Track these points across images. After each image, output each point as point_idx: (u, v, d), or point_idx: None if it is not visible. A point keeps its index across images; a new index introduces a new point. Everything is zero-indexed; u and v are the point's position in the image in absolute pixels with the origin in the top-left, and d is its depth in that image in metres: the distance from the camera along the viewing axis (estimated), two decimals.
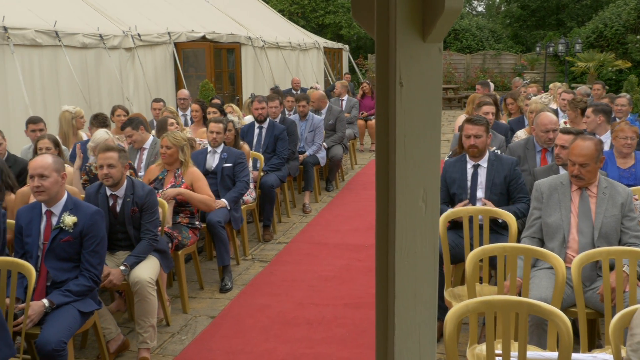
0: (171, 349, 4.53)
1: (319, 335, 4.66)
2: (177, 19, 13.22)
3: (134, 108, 10.24)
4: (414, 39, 1.24)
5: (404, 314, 1.33)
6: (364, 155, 12.79)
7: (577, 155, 3.91)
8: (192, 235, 5.29)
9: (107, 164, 4.44)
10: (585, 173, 3.90)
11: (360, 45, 29.30)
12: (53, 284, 3.81)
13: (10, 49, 7.91)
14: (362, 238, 7.07)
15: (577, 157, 3.91)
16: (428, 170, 1.28)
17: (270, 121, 7.70)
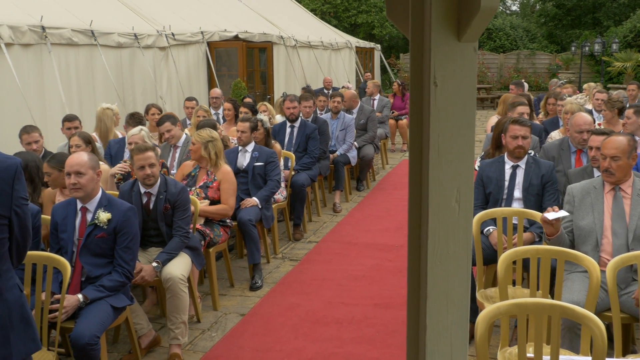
0: (201, 345, 4.57)
1: (349, 335, 4.66)
2: (211, 18, 13.33)
3: (166, 106, 10.35)
4: (449, 39, 1.23)
5: (435, 314, 1.32)
6: (395, 155, 12.74)
7: (608, 148, 3.85)
8: (223, 233, 5.33)
9: (149, 164, 4.50)
10: (616, 167, 3.82)
11: (392, 44, 29.19)
12: (87, 279, 3.88)
13: (47, 48, 8.06)
14: (393, 238, 7.05)
15: (608, 150, 3.85)
16: (462, 170, 1.27)
17: (302, 120, 7.72)
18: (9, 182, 2.40)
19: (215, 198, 5.34)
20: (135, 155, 4.56)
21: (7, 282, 2.47)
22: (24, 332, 2.51)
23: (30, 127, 5.88)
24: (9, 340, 2.44)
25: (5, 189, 2.39)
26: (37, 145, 5.74)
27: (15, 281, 2.51)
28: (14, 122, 6.99)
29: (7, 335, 2.44)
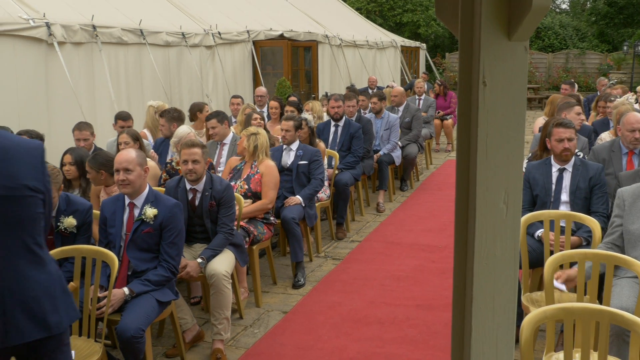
0: (244, 341, 4.61)
1: (390, 335, 4.64)
2: (256, 17, 13.43)
3: (212, 105, 10.48)
4: (499, 38, 1.22)
5: (481, 317, 1.30)
6: (440, 155, 12.63)
7: None
8: (267, 231, 5.37)
9: (192, 160, 4.57)
10: None
11: (438, 44, 28.93)
12: (134, 273, 3.96)
13: (98, 47, 8.25)
14: (436, 239, 6.99)
15: None
16: (510, 171, 1.25)
17: (346, 119, 7.72)
18: (39, 159, 2.56)
19: (257, 190, 5.39)
20: (182, 150, 4.65)
21: (47, 255, 2.61)
22: (67, 301, 2.63)
23: (84, 125, 6.03)
24: (58, 308, 2.57)
25: (37, 165, 2.54)
26: (86, 143, 5.87)
27: (50, 256, 2.66)
28: (66, 118, 7.19)
29: (56, 303, 2.56)
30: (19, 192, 2.47)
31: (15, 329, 2.45)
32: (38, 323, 2.50)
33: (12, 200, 2.45)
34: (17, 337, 2.46)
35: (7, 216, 2.44)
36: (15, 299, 2.46)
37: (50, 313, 2.53)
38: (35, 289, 2.51)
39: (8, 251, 2.45)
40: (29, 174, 2.51)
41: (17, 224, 2.47)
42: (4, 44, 6.90)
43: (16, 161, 2.48)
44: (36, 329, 2.49)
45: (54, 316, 2.55)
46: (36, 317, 2.49)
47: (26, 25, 7.16)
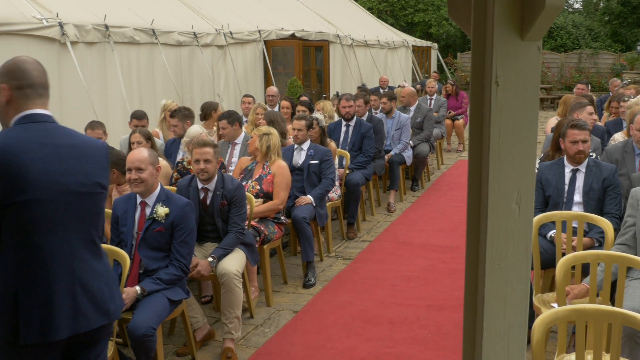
0: (254, 340, 4.62)
1: (401, 336, 4.63)
2: (268, 17, 13.45)
3: (223, 104, 10.50)
4: (512, 37, 1.21)
5: (493, 318, 1.30)
6: (451, 155, 12.59)
7: None
8: (277, 230, 5.38)
9: (204, 159, 4.59)
10: None
11: (450, 43, 28.85)
12: (145, 272, 3.97)
13: (110, 47, 8.29)
14: (447, 239, 6.97)
15: None
16: (523, 171, 1.25)
17: (357, 119, 7.71)
18: (105, 157, 2.73)
19: (269, 191, 5.39)
20: (194, 149, 4.67)
21: (102, 248, 2.75)
22: (118, 290, 2.80)
23: (96, 123, 6.06)
24: (114, 296, 2.72)
25: (104, 163, 2.71)
26: None
27: None
28: (78, 117, 7.22)
29: (112, 293, 2.71)
30: (92, 188, 2.62)
31: (83, 317, 2.57)
32: (101, 311, 2.64)
33: (86, 197, 2.60)
34: (85, 325, 2.58)
35: (80, 211, 2.58)
36: (83, 288, 2.58)
37: (110, 302, 2.68)
38: (99, 279, 2.65)
39: (79, 244, 2.58)
40: (99, 171, 2.67)
41: (88, 219, 2.62)
42: (17, 43, 6.95)
43: (89, 159, 2.63)
44: (100, 317, 2.64)
45: (112, 304, 2.70)
46: (100, 305, 2.63)
47: (39, 25, 7.21)
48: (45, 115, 2.57)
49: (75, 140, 2.62)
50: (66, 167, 2.52)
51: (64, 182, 2.50)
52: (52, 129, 2.56)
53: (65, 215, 2.53)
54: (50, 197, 2.47)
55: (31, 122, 2.51)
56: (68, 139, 2.59)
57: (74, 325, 2.54)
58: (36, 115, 2.53)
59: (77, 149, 2.59)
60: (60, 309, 2.50)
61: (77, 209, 2.56)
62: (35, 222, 2.45)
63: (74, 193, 2.54)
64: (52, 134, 2.54)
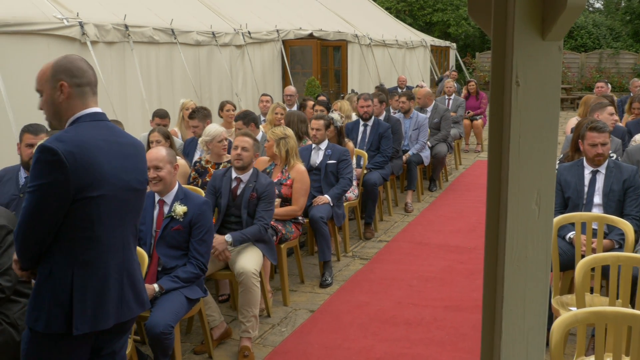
0: (271, 339, 4.63)
1: (418, 336, 4.62)
2: (286, 16, 13.47)
3: (241, 103, 10.54)
4: (533, 37, 1.21)
5: (512, 319, 1.29)
6: (469, 155, 12.52)
7: None
8: (295, 230, 5.38)
9: (242, 147, 4.76)
10: None
11: (468, 43, 28.69)
12: (163, 270, 4.00)
13: (130, 46, 8.35)
14: (465, 240, 6.94)
15: None
16: (543, 172, 1.24)
17: (375, 119, 7.70)
18: (145, 155, 2.84)
19: (288, 195, 5.39)
20: (236, 137, 4.89)
21: None
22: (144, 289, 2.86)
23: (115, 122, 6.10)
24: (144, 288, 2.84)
25: (145, 161, 2.85)
26: None
27: None
28: None
29: (143, 285, 2.84)
30: (143, 185, 2.79)
31: (127, 306, 2.70)
32: (139, 300, 2.77)
33: (140, 193, 2.76)
34: (128, 314, 2.72)
35: (134, 207, 2.74)
36: (129, 279, 2.71)
37: (143, 292, 2.83)
38: (137, 270, 2.80)
39: (129, 237, 2.73)
40: (145, 169, 2.85)
41: (136, 213, 2.78)
42: (38, 42, 7.02)
43: (141, 157, 2.79)
44: (138, 306, 2.77)
45: (145, 294, 2.83)
46: (138, 295, 2.77)
47: (60, 25, 7.28)
48: (104, 114, 2.69)
49: (129, 139, 2.76)
50: (127, 164, 2.65)
51: (126, 179, 2.63)
52: (113, 127, 2.69)
53: (124, 210, 2.66)
54: (115, 193, 2.59)
55: (96, 120, 2.61)
56: (124, 138, 2.73)
57: (119, 314, 2.67)
58: (99, 114, 2.64)
59: (133, 147, 2.72)
60: (110, 298, 2.63)
61: (132, 205, 2.71)
62: (100, 216, 2.55)
63: (132, 190, 2.67)
64: (114, 132, 2.67)
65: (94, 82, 2.65)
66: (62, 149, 2.41)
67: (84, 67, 2.63)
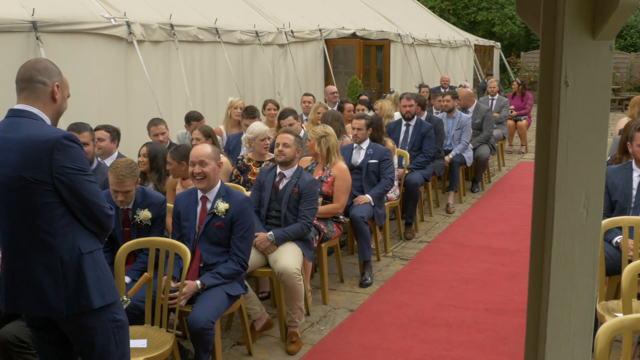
0: (310, 338, 4.64)
1: (458, 339, 4.57)
2: (329, 16, 13.48)
3: (284, 102, 10.59)
4: (583, 36, 1.18)
5: (557, 323, 1.27)
6: (513, 157, 12.33)
7: None
8: (336, 229, 5.38)
9: (283, 143, 4.83)
10: None
11: (513, 42, 28.24)
12: (205, 266, 4.04)
13: (175, 45, 8.47)
14: (507, 242, 6.84)
15: None
16: (592, 174, 1.21)
17: (417, 119, 7.65)
18: (47, 153, 2.62)
19: (329, 193, 5.40)
20: (279, 134, 4.97)
21: (63, 243, 2.70)
22: (78, 290, 2.73)
23: (158, 120, 6.21)
24: (61, 293, 2.70)
25: (43, 159, 2.62)
26: (164, 137, 6.05)
27: (76, 243, 2.73)
28: (143, 114, 7.41)
29: (59, 289, 2.69)
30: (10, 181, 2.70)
31: (22, 302, 2.79)
32: (41, 302, 2.77)
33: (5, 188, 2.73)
34: (24, 309, 2.82)
35: (8, 202, 2.75)
36: (23, 276, 2.77)
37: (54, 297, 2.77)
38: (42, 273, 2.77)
39: (13, 235, 2.77)
40: (22, 166, 2.70)
41: (16, 209, 2.71)
42: (86, 41, 7.18)
43: (22, 154, 2.69)
44: (39, 307, 2.78)
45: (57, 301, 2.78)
46: (40, 296, 2.77)
47: (108, 24, 7.43)
48: (15, 109, 2.73)
49: (20, 134, 2.65)
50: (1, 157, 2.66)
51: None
52: (11, 123, 2.71)
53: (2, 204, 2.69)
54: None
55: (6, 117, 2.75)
56: (13, 134, 2.67)
57: (13, 306, 2.75)
58: (8, 111, 2.75)
59: (14, 143, 2.65)
60: (7, 287, 2.73)
61: (4, 199, 2.69)
62: None
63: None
64: (9, 128, 2.69)
65: (18, 80, 2.74)
66: None
67: (19, 68, 2.79)
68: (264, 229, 4.72)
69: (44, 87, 2.72)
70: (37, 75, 2.72)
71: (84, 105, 6.97)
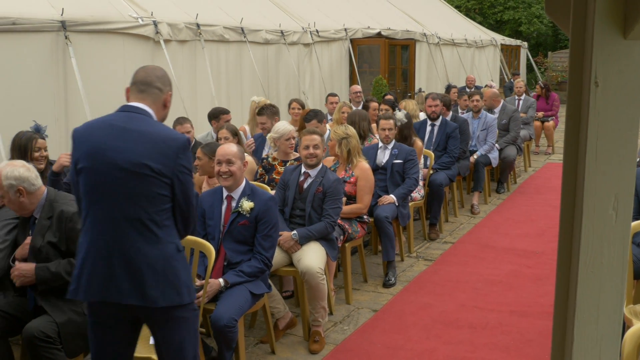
0: (333, 337, 4.65)
1: (482, 341, 4.54)
2: (354, 15, 13.47)
3: (309, 102, 10.60)
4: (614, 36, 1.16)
5: (584, 326, 1.25)
6: (539, 158, 12.20)
7: None
8: (360, 229, 5.38)
9: (313, 145, 4.82)
10: None
11: (540, 42, 27.94)
12: (229, 265, 4.07)
13: (201, 45, 8.53)
14: (533, 244, 6.77)
15: None
16: (622, 176, 1.19)
17: (443, 119, 7.61)
18: (175, 150, 2.83)
19: (352, 193, 5.39)
20: (303, 136, 4.94)
21: (166, 236, 2.84)
22: (172, 283, 2.84)
23: (183, 119, 6.26)
24: (159, 284, 2.80)
25: (170, 155, 2.81)
26: (189, 135, 6.09)
27: (174, 239, 2.88)
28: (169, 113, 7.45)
29: (158, 280, 2.79)
30: (137, 168, 2.81)
31: (115, 288, 2.82)
32: (137, 290, 2.83)
33: (131, 175, 2.82)
34: (116, 296, 2.81)
35: (126, 187, 2.83)
36: (122, 262, 2.82)
37: (151, 287, 2.85)
38: (141, 260, 2.83)
39: (121, 218, 2.84)
40: (148, 156, 2.86)
41: (132, 196, 2.82)
42: (114, 40, 7.26)
43: (148, 145, 2.86)
44: (134, 295, 2.83)
45: (154, 291, 2.85)
46: (138, 284, 2.83)
47: (135, 24, 7.50)
48: (132, 105, 2.90)
49: (144, 127, 2.83)
50: (121, 145, 2.77)
51: (115, 157, 2.76)
52: (130, 116, 2.86)
53: (108, 187, 2.78)
54: (98, 167, 2.78)
55: (120, 111, 2.91)
56: (135, 125, 2.83)
57: (105, 292, 2.77)
58: (125, 106, 2.91)
59: (139, 134, 2.81)
60: (96, 272, 2.77)
61: (123, 184, 2.77)
62: (85, 187, 2.81)
63: (118, 168, 2.76)
64: (128, 120, 2.84)
65: (138, 81, 2.92)
66: (76, 129, 2.88)
67: (136, 70, 2.99)
68: (288, 228, 4.73)
69: (159, 94, 2.94)
70: (156, 82, 2.94)
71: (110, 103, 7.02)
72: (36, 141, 4.64)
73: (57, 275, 3.45)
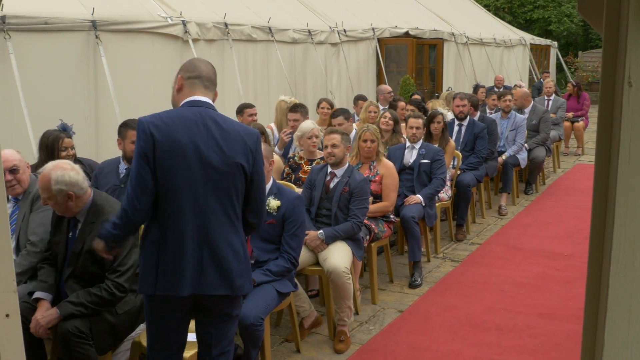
0: (358, 337, 4.64)
1: (509, 343, 4.50)
2: (381, 15, 13.43)
3: (336, 101, 10.59)
4: None
5: (615, 331, 1.23)
6: (569, 159, 12.04)
7: None
8: (387, 229, 5.36)
9: (331, 144, 4.84)
10: None
11: (570, 41, 27.58)
12: (256, 263, 4.08)
13: (229, 44, 8.58)
14: (562, 246, 6.68)
15: None
16: None
17: (470, 119, 7.55)
18: (254, 145, 2.94)
19: (377, 192, 5.38)
20: (325, 136, 4.99)
21: (241, 228, 3.00)
22: (247, 273, 3.00)
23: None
24: (243, 274, 2.94)
25: (249, 150, 2.90)
26: None
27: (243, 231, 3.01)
28: None
29: (242, 269, 2.94)
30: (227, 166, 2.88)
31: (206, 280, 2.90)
32: (225, 281, 2.94)
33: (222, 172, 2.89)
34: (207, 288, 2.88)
35: (216, 183, 2.88)
36: (210, 254, 2.89)
37: (237, 277, 2.97)
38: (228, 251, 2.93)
39: (210, 212, 2.89)
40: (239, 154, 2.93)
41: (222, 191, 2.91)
42: (144, 40, 7.34)
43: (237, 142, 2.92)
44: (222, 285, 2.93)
45: (240, 280, 2.99)
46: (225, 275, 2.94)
47: (164, 23, 7.58)
48: (204, 101, 2.91)
49: (229, 125, 2.89)
50: (210, 142, 2.81)
51: (205, 153, 2.80)
52: (208, 112, 2.88)
53: (198, 182, 2.80)
54: (187, 163, 2.78)
55: (192, 106, 2.88)
56: (220, 122, 2.87)
57: (197, 285, 2.82)
58: (197, 101, 2.90)
59: (223, 131, 2.85)
60: (187, 265, 2.80)
61: (212, 180, 2.82)
62: (172, 182, 2.79)
63: (207, 164, 2.80)
64: (207, 116, 2.86)
65: (204, 77, 2.94)
66: (147, 121, 2.78)
67: (197, 64, 2.98)
68: (315, 228, 4.74)
69: (215, 90, 3.01)
70: (215, 79, 3.02)
71: (139, 102, 7.14)
72: (63, 140, 4.65)
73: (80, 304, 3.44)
